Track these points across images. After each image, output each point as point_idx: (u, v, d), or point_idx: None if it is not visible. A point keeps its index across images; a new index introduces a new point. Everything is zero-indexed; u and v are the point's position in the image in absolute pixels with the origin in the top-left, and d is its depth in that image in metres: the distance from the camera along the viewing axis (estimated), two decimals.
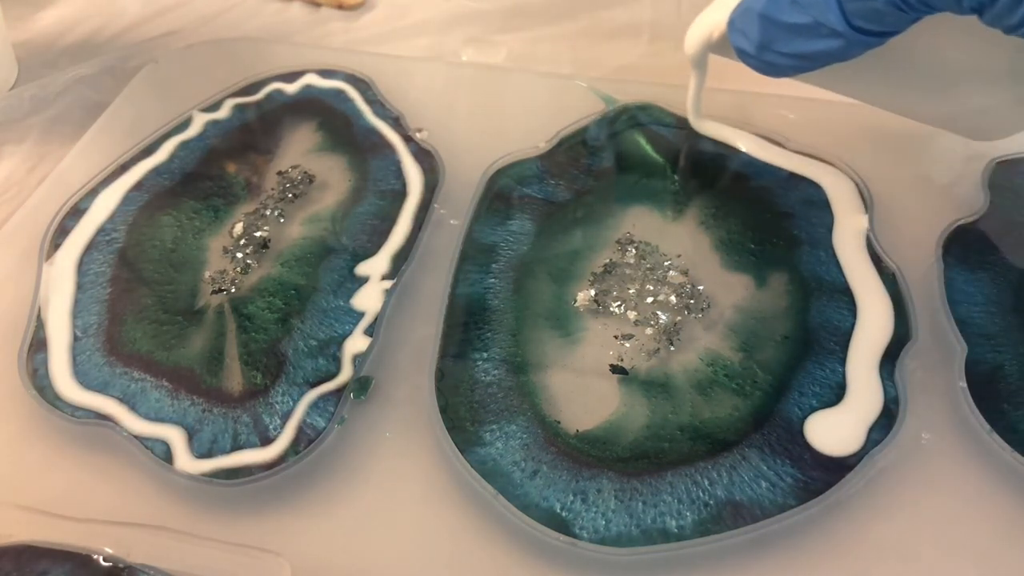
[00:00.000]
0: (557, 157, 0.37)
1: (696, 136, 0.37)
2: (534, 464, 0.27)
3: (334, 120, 0.40)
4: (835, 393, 0.28)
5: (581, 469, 0.27)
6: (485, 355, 0.30)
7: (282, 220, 0.35)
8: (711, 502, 0.26)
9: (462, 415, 0.28)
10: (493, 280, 0.32)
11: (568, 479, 0.26)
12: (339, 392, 0.29)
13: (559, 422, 0.28)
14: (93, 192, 0.36)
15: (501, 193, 0.36)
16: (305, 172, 0.37)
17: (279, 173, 0.37)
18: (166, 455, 0.27)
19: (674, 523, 0.25)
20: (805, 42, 0.25)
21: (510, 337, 0.30)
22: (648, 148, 0.37)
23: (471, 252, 0.33)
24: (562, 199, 0.35)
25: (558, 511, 0.26)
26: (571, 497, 0.26)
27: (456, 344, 0.30)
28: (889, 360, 0.29)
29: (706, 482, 0.26)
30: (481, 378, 0.29)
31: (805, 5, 0.24)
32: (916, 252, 0.32)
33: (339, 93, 0.41)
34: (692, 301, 0.31)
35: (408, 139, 0.38)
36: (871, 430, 0.27)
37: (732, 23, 0.28)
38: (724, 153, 0.37)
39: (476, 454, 0.27)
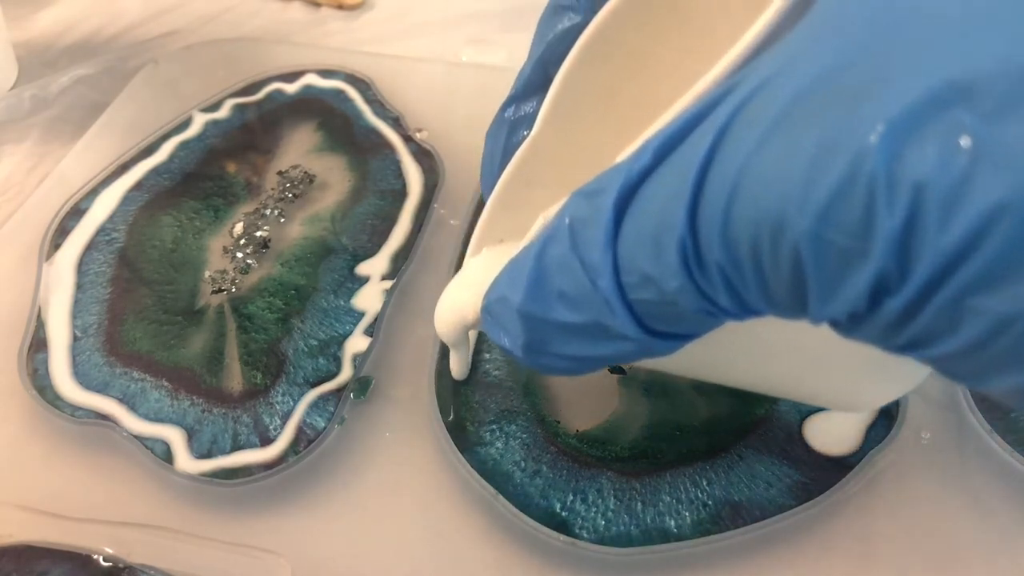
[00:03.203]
0: None
1: None
2: (535, 464, 0.27)
3: (334, 120, 0.40)
4: None
5: (581, 469, 0.27)
6: (488, 356, 0.30)
7: (282, 220, 0.35)
8: (710, 502, 0.26)
9: (463, 415, 0.28)
10: None
11: (568, 479, 0.26)
12: (339, 392, 0.29)
13: (559, 422, 0.28)
14: (93, 192, 0.36)
15: None
16: (305, 172, 0.37)
17: (279, 173, 0.37)
18: (166, 455, 0.27)
19: (673, 523, 0.25)
20: (588, 345, 0.17)
21: None
22: None
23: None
24: None
25: (558, 511, 0.26)
26: (571, 497, 0.26)
27: None
28: None
29: (704, 482, 0.26)
30: (482, 378, 0.29)
31: (577, 302, 0.16)
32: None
33: (339, 93, 0.41)
34: None
35: (408, 139, 0.38)
36: (870, 430, 0.27)
37: (487, 313, 0.19)
38: None
39: (476, 454, 0.27)
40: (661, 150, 0.14)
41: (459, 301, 0.23)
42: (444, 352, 0.30)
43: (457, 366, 0.28)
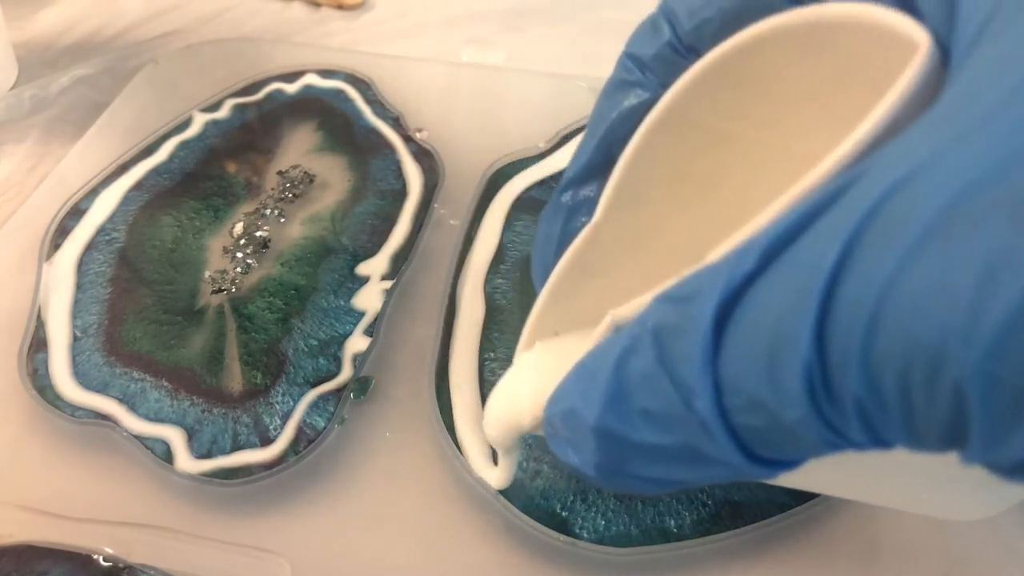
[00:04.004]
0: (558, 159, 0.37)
1: None
2: (536, 464, 0.27)
3: (334, 120, 0.40)
4: None
5: None
6: (493, 355, 0.30)
7: (282, 220, 0.35)
8: (710, 502, 0.26)
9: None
10: (501, 280, 0.32)
11: (568, 479, 0.26)
12: (339, 392, 0.29)
13: None
14: (93, 192, 0.36)
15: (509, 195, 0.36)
16: (305, 172, 0.37)
17: (279, 173, 0.37)
18: (166, 455, 0.27)
19: (673, 523, 0.25)
20: (675, 468, 0.15)
21: (516, 337, 0.30)
22: None
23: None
24: None
25: (558, 511, 0.26)
26: (571, 497, 0.26)
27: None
28: None
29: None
30: (487, 377, 0.29)
31: (665, 423, 0.14)
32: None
33: (339, 93, 0.41)
34: None
35: (408, 139, 0.38)
36: None
37: (552, 425, 0.17)
38: None
39: None
40: (769, 252, 0.12)
41: (514, 403, 0.21)
42: (444, 352, 0.30)
43: (503, 474, 0.25)
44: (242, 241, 0.34)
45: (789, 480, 0.19)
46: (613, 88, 0.22)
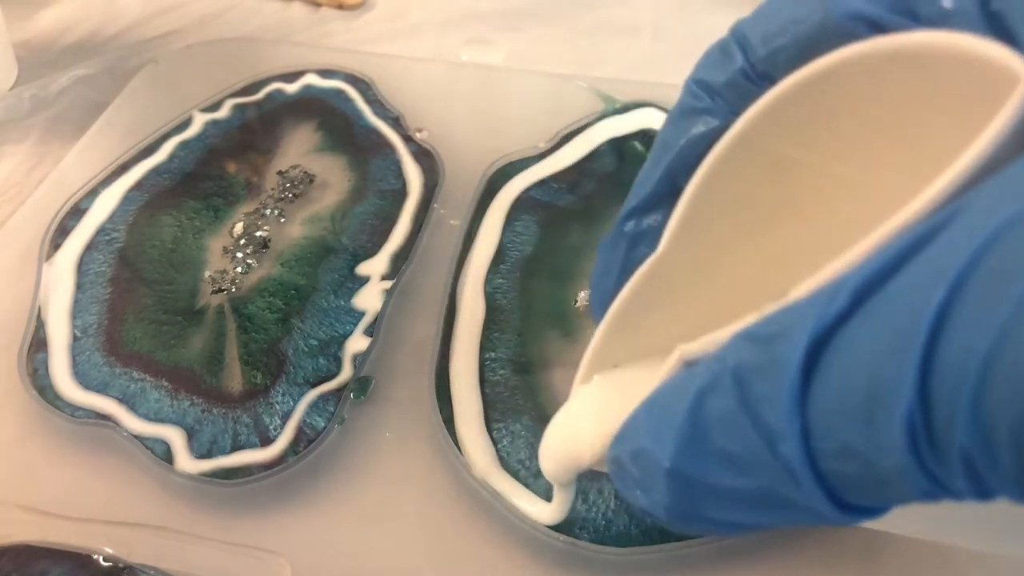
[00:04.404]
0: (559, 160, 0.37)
1: None
2: (538, 463, 0.27)
3: (334, 120, 0.40)
4: None
5: None
6: (493, 355, 0.30)
7: (282, 220, 0.35)
8: None
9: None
10: (501, 280, 0.32)
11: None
12: (339, 392, 0.29)
13: None
14: (93, 192, 0.36)
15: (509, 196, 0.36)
16: (305, 172, 0.37)
17: (279, 173, 0.37)
18: (166, 455, 0.27)
19: None
20: (754, 513, 0.15)
21: (516, 337, 0.30)
22: (644, 151, 0.37)
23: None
24: (564, 201, 0.35)
25: None
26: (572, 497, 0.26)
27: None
28: None
29: None
30: (487, 377, 0.29)
31: (746, 467, 0.14)
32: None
33: (339, 93, 0.41)
34: None
35: (408, 139, 0.38)
36: None
37: (618, 464, 0.16)
38: None
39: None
40: (862, 290, 0.12)
41: (574, 439, 0.20)
42: (444, 352, 0.30)
43: (558, 510, 0.24)
44: (242, 241, 0.34)
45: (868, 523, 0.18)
46: (680, 115, 0.21)
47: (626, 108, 0.39)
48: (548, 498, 0.26)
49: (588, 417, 0.20)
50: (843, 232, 0.13)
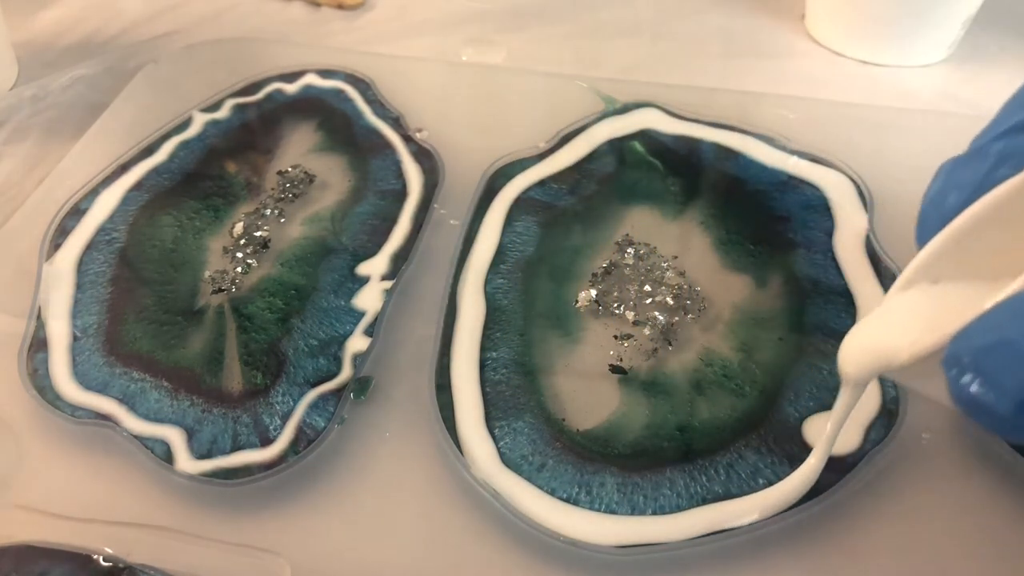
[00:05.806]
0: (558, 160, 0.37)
1: (695, 139, 0.37)
2: (540, 458, 0.27)
3: (334, 120, 0.40)
4: (832, 395, 0.28)
5: (585, 464, 0.27)
6: (493, 354, 0.30)
7: (282, 220, 0.35)
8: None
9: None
10: (501, 280, 0.32)
11: (573, 473, 0.26)
12: (339, 392, 0.29)
13: (564, 420, 0.28)
14: (93, 192, 0.36)
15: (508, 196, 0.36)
16: (305, 172, 0.37)
17: (279, 173, 0.37)
18: (166, 455, 0.27)
19: None
20: None
21: (517, 337, 0.30)
22: (644, 151, 0.37)
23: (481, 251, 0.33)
24: (564, 202, 0.35)
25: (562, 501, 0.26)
26: (575, 490, 0.26)
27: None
28: None
29: (705, 480, 0.26)
30: (488, 377, 0.29)
31: None
32: (916, 252, 0.32)
33: (339, 93, 0.41)
34: (689, 302, 0.31)
35: (408, 139, 0.38)
36: (870, 430, 0.27)
37: (956, 359, 0.17)
38: (722, 156, 0.37)
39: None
40: None
41: (887, 339, 0.20)
42: (444, 352, 0.30)
43: (841, 413, 0.24)
44: (242, 241, 0.34)
45: None
46: None
47: (626, 108, 0.39)
48: (551, 494, 0.26)
49: (903, 324, 0.20)
50: None
